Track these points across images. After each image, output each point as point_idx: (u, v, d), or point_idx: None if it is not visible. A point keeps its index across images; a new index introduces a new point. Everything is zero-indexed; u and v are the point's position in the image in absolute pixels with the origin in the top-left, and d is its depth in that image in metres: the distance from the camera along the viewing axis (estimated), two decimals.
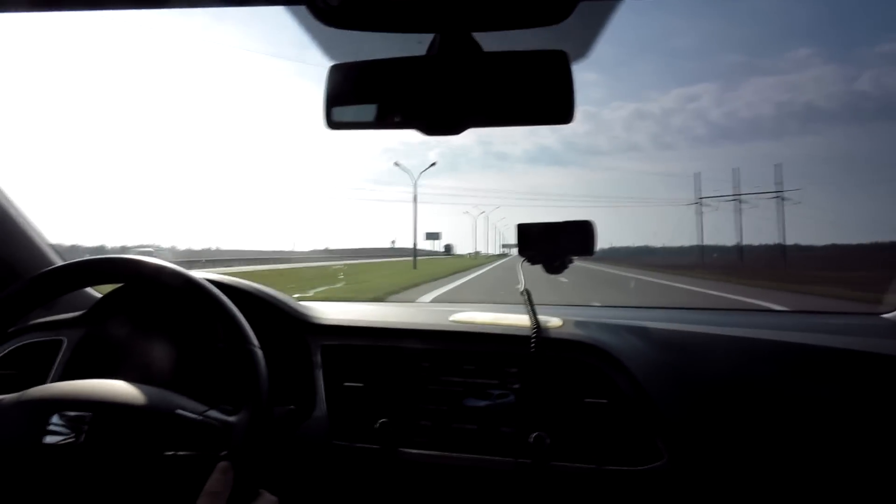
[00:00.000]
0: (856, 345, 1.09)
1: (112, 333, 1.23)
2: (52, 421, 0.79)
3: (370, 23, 0.73)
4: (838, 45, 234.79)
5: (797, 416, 1.02)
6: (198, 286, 0.93)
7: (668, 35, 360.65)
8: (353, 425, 1.13)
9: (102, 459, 0.78)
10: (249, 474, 0.81)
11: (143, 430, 0.80)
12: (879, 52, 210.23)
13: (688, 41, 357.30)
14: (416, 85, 0.77)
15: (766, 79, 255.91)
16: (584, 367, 1.08)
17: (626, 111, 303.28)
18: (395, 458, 1.09)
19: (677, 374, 1.07)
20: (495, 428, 1.08)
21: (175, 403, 0.84)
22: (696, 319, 1.36)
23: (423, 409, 1.12)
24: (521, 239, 1.18)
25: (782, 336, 1.14)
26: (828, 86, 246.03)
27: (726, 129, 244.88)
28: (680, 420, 1.02)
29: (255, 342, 0.91)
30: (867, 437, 0.99)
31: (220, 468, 0.78)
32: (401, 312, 1.32)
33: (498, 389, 1.10)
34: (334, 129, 0.79)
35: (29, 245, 1.40)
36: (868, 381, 1.03)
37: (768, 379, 1.06)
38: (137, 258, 0.95)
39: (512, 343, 1.12)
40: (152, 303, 1.23)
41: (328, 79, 0.78)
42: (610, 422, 1.05)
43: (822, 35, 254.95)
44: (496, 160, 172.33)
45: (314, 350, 1.19)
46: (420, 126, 0.78)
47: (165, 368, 1.17)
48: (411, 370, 1.15)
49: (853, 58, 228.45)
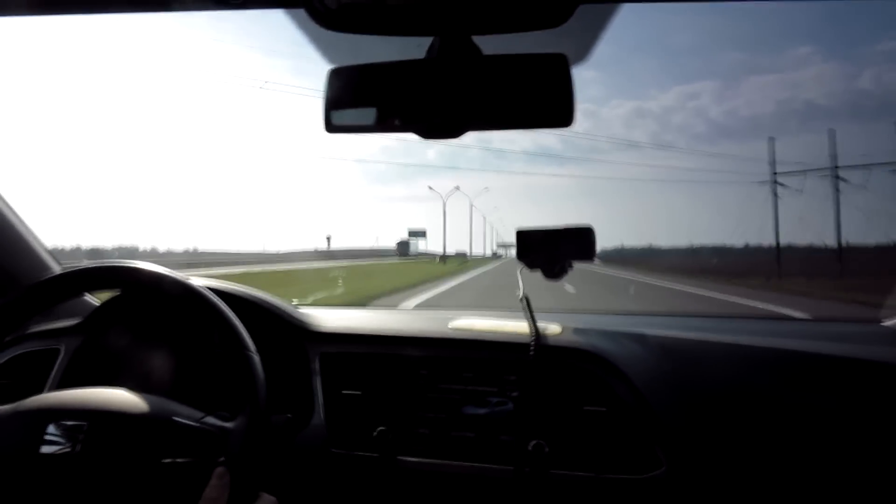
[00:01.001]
0: (856, 352, 1.09)
1: (110, 341, 1.22)
2: (48, 431, 0.79)
3: (369, 26, 0.73)
4: (839, 43, 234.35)
5: (796, 424, 1.01)
6: (195, 293, 0.92)
7: (668, 33, 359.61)
8: (351, 433, 1.12)
9: (100, 468, 0.77)
10: (247, 479, 0.81)
11: (141, 438, 0.80)
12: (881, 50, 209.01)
13: (688, 38, 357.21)
14: (416, 89, 0.77)
15: (766, 77, 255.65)
16: (583, 374, 1.08)
17: (626, 109, 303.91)
18: (394, 466, 1.08)
19: (676, 381, 1.07)
20: (494, 436, 1.07)
21: (172, 410, 0.84)
22: (695, 326, 1.35)
23: (422, 416, 1.12)
24: (520, 244, 1.17)
25: (782, 343, 1.13)
26: (828, 83, 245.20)
27: (725, 127, 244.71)
28: (679, 428, 1.01)
29: (252, 348, 0.90)
30: (867, 446, 0.98)
31: (217, 474, 0.77)
32: (400, 319, 1.31)
33: (496, 397, 1.09)
34: (333, 132, 0.79)
35: (26, 251, 1.39)
36: (868, 389, 1.03)
37: (768, 387, 1.05)
38: (135, 264, 0.94)
39: (511, 350, 1.11)
40: (150, 310, 1.23)
41: (327, 82, 0.78)
42: (609, 430, 1.04)
43: (823, 33, 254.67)
44: (494, 158, 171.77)
45: (312, 357, 1.19)
46: (419, 130, 0.78)
47: (163, 375, 1.17)
48: (410, 378, 1.14)
49: (854, 56, 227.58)
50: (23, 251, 1.38)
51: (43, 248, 1.42)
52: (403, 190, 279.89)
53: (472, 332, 1.19)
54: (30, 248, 1.39)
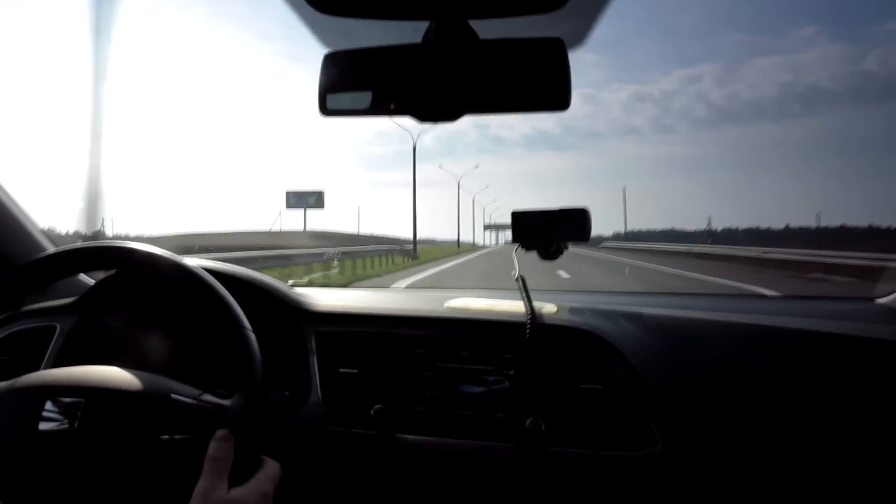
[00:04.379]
0: (850, 330, 1.10)
1: (105, 320, 1.22)
2: (45, 407, 0.79)
3: (365, 10, 0.72)
4: (845, 23, 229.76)
5: (792, 400, 1.03)
6: (190, 272, 0.92)
7: (670, 13, 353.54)
8: (348, 411, 1.14)
9: (97, 445, 0.78)
10: (247, 453, 0.82)
11: (138, 415, 0.81)
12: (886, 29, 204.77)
13: (690, 19, 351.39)
14: (412, 72, 0.76)
15: (770, 58, 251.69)
16: (579, 353, 1.09)
17: (626, 93, 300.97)
18: (391, 443, 1.10)
19: (672, 359, 1.08)
20: (491, 414, 1.09)
21: (169, 388, 0.84)
22: (691, 305, 1.37)
23: (419, 395, 1.13)
24: (515, 226, 1.18)
25: (777, 321, 1.14)
26: (833, 65, 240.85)
27: (728, 111, 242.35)
28: (675, 406, 1.03)
29: (248, 325, 0.90)
30: (862, 422, 1.00)
31: (219, 436, 0.77)
32: (396, 299, 1.32)
33: (493, 375, 1.11)
34: (329, 116, 0.79)
35: (20, 231, 1.39)
36: (862, 365, 1.04)
37: (763, 364, 1.07)
38: (130, 245, 0.94)
39: (507, 329, 1.12)
40: (145, 289, 1.23)
41: (323, 66, 0.78)
42: (605, 408, 1.06)
43: (828, 12, 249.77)
44: (492, 144, 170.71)
45: (309, 337, 1.19)
46: (415, 113, 0.78)
47: (159, 354, 1.17)
48: (406, 356, 1.15)
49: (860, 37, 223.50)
50: (17, 232, 1.38)
51: (37, 229, 1.42)
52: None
53: (468, 311, 1.20)
54: (24, 230, 1.39)
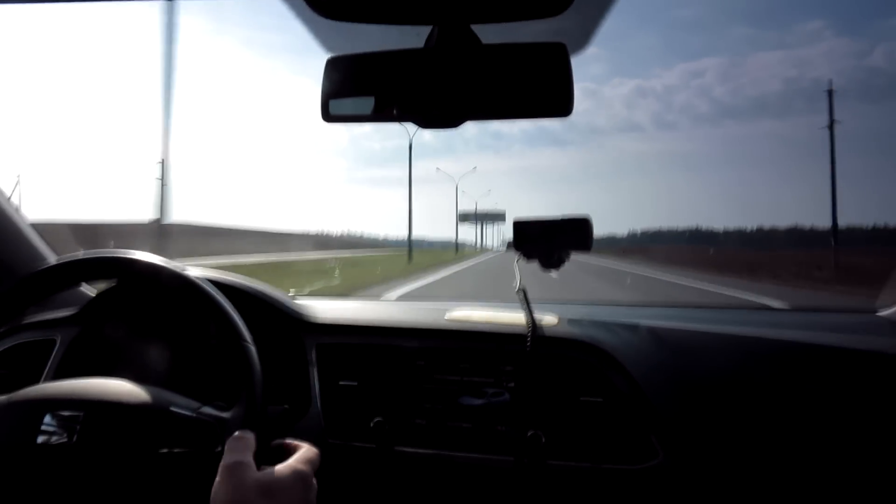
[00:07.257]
0: (852, 342, 1.09)
1: (106, 331, 1.21)
2: (44, 421, 0.78)
3: (368, 15, 0.72)
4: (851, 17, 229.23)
5: (792, 414, 1.02)
6: (192, 284, 0.92)
7: (672, 5, 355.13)
8: (348, 424, 1.13)
9: (96, 459, 0.77)
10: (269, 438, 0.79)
11: (137, 429, 0.80)
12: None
13: (692, 12, 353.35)
14: (414, 78, 0.76)
15: (774, 53, 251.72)
16: (579, 365, 1.08)
17: (627, 88, 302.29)
18: (391, 456, 1.09)
19: (673, 372, 1.07)
20: (491, 426, 1.08)
21: (168, 400, 0.84)
22: (691, 317, 1.36)
23: (419, 407, 1.12)
24: (516, 235, 1.17)
25: (778, 334, 1.13)
26: (839, 60, 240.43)
27: (730, 107, 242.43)
28: (676, 418, 1.02)
29: (248, 338, 0.90)
30: (863, 435, 0.99)
31: (235, 437, 0.75)
32: (396, 310, 1.31)
33: (493, 388, 1.10)
34: (331, 121, 0.79)
35: (22, 241, 1.38)
36: (864, 378, 1.03)
37: (764, 377, 1.06)
38: (132, 255, 0.94)
39: (507, 341, 1.12)
40: (146, 299, 1.22)
41: (325, 71, 0.77)
42: (606, 420, 1.05)
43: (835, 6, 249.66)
44: (492, 140, 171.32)
45: (309, 348, 1.18)
46: (417, 119, 0.78)
47: (159, 366, 1.16)
48: (406, 368, 1.14)
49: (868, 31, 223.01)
50: (18, 241, 1.37)
51: (37, 238, 1.41)
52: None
53: (468, 322, 1.19)
54: (25, 239, 1.39)
